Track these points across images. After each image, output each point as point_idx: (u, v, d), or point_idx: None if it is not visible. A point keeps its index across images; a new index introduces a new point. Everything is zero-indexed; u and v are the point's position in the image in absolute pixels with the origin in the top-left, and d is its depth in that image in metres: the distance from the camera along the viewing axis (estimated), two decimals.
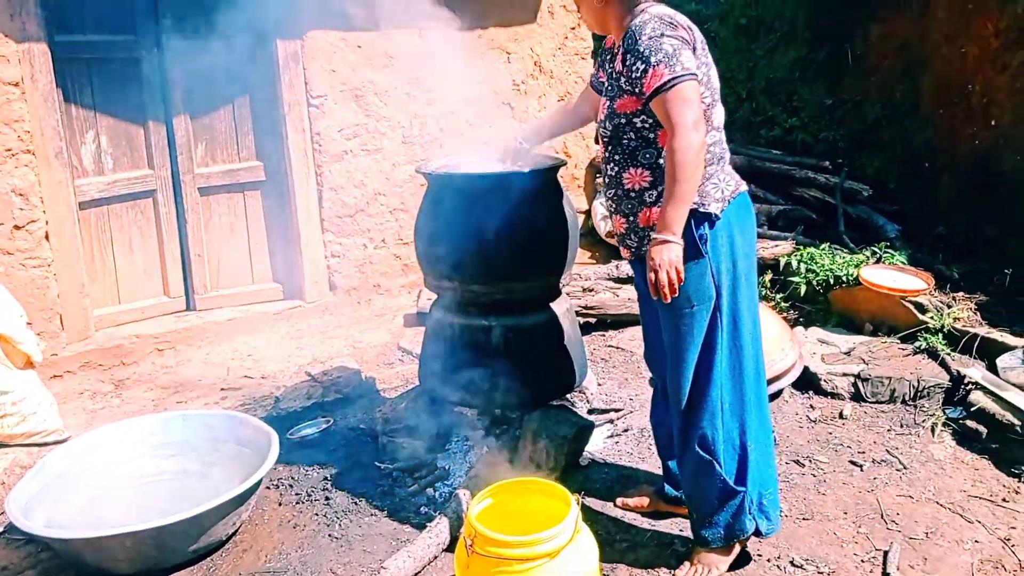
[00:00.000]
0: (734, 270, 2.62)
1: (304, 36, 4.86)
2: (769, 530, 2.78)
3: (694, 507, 2.81)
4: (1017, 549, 2.90)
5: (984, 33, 5.40)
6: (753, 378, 2.71)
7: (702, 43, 2.58)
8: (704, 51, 2.58)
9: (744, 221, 2.66)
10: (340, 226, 5.20)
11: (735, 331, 2.65)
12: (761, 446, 2.74)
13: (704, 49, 2.58)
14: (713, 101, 2.60)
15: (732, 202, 2.60)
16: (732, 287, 2.62)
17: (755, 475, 2.70)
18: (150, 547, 2.84)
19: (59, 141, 4.29)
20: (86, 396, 4.22)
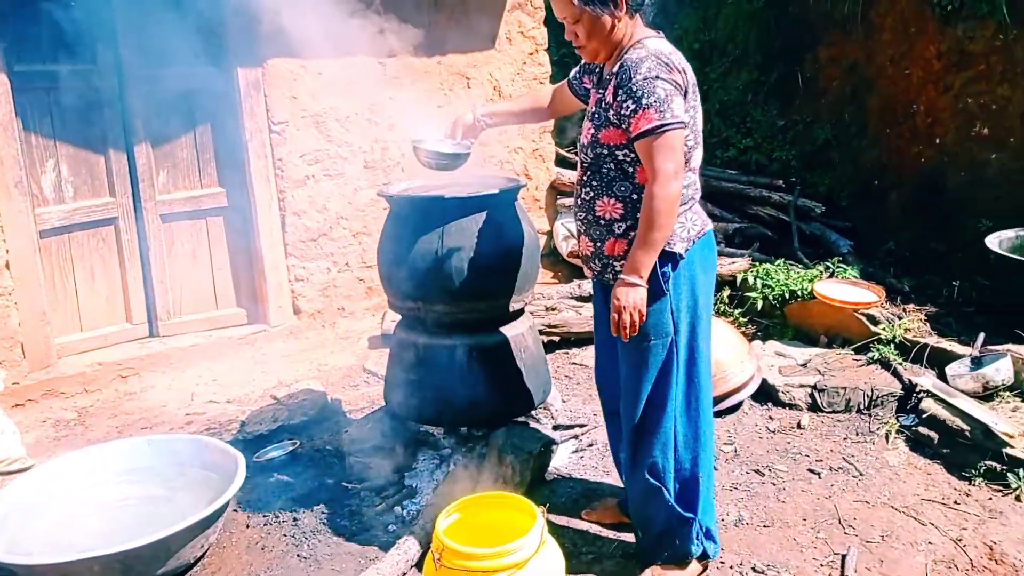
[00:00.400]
0: (695, 307, 2.67)
1: (265, 64, 4.88)
2: (715, 552, 2.88)
3: (641, 528, 2.91)
4: (968, 549, 3.00)
5: (927, 55, 5.63)
6: (707, 410, 2.77)
7: (693, 86, 2.57)
8: (694, 94, 2.58)
9: (707, 260, 2.71)
10: (303, 250, 5.20)
11: (692, 365, 2.70)
12: (708, 475, 2.82)
13: (695, 92, 2.58)
14: (695, 144, 2.62)
15: (697, 242, 2.65)
16: (691, 323, 2.67)
17: (705, 504, 2.80)
18: (117, 571, 2.82)
19: (19, 170, 4.27)
20: (49, 424, 4.18)
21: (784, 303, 4.80)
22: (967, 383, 3.86)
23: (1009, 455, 3.39)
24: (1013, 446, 3.41)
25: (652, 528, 2.82)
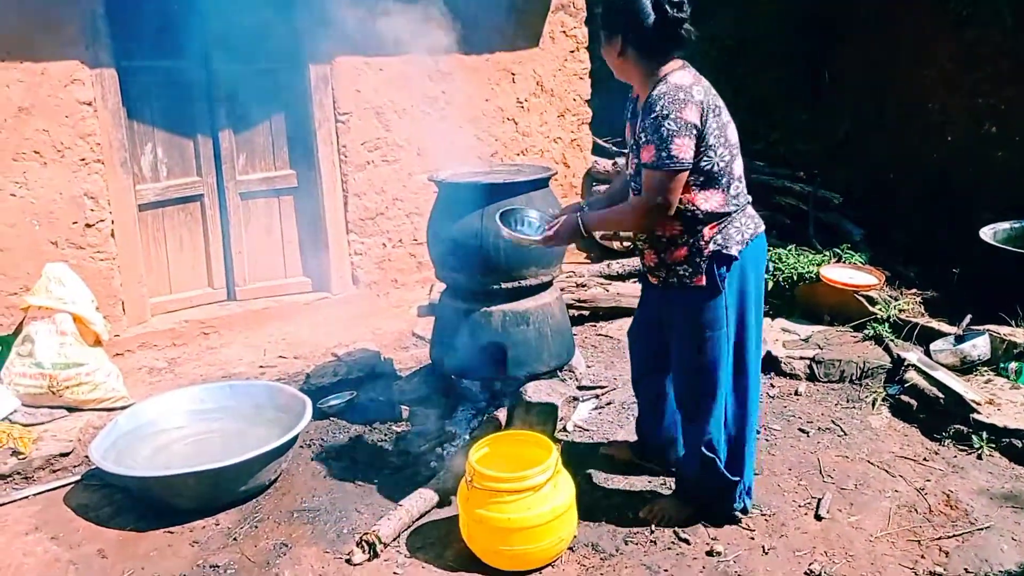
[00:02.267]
0: (745, 303, 2.93)
1: (333, 61, 5.31)
2: (748, 507, 3.20)
3: (691, 488, 3.22)
4: (929, 497, 3.36)
5: (941, 58, 5.89)
6: (753, 386, 3.07)
7: (716, 109, 2.74)
8: (718, 114, 2.75)
9: (759, 259, 2.97)
10: (362, 228, 5.63)
11: (741, 353, 2.99)
12: (752, 444, 3.14)
13: (718, 113, 2.75)
14: (732, 156, 2.82)
15: (751, 243, 2.88)
16: (740, 317, 2.94)
17: (748, 467, 3.14)
18: (209, 486, 3.33)
19: (124, 152, 4.77)
20: (144, 371, 4.68)
21: (793, 285, 5.12)
22: (947, 358, 4.24)
23: (975, 419, 3.76)
24: (980, 412, 3.79)
25: (704, 492, 3.18)
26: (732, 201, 2.84)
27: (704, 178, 2.79)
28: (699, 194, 2.81)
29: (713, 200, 2.82)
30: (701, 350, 2.97)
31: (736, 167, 2.86)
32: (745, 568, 2.97)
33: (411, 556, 3.08)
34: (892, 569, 2.94)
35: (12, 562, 3.13)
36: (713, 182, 2.81)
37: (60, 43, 4.47)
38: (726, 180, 2.82)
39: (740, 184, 2.89)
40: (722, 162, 2.78)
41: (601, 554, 3.07)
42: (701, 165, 2.77)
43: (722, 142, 2.77)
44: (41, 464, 3.73)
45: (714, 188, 2.82)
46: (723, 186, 2.83)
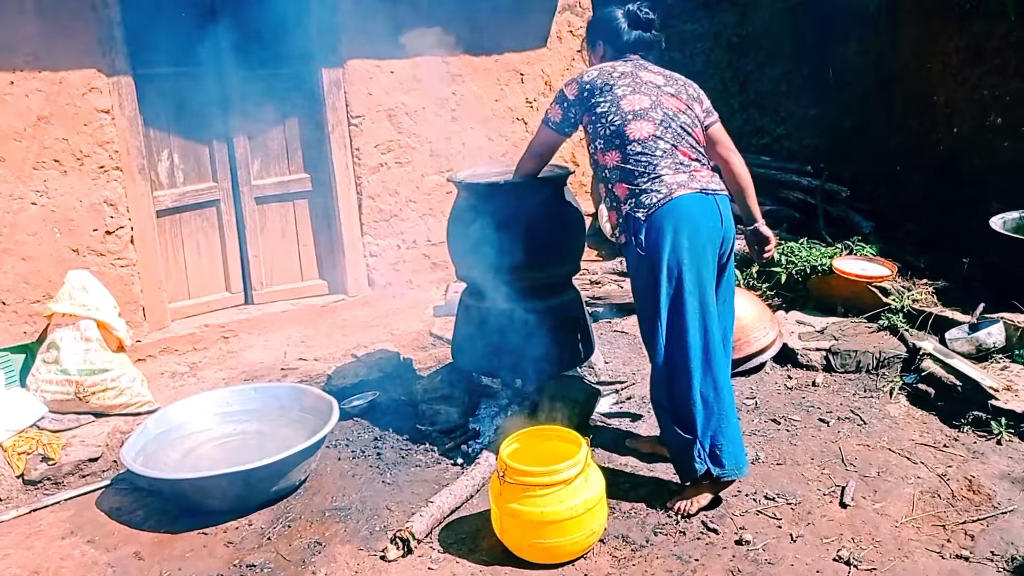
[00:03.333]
0: (677, 265, 3.09)
1: (345, 64, 5.35)
2: (720, 474, 3.22)
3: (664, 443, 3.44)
4: (951, 482, 3.41)
5: (946, 51, 5.93)
6: (698, 347, 3.13)
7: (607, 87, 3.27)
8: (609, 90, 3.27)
9: (686, 221, 3.10)
10: (377, 229, 5.68)
11: (676, 313, 3.12)
12: (717, 409, 3.19)
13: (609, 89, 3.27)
14: (625, 122, 3.21)
15: (662, 207, 3.11)
16: (672, 278, 3.10)
17: (704, 429, 3.18)
18: (240, 487, 3.36)
19: (141, 159, 4.81)
20: (166, 376, 4.73)
21: (806, 277, 5.16)
22: (963, 346, 4.30)
23: (993, 406, 3.81)
24: (997, 398, 3.84)
25: (669, 449, 3.36)
26: (633, 161, 3.19)
27: (603, 142, 3.28)
28: (605, 155, 3.29)
29: (614, 159, 3.25)
30: (640, 309, 3.30)
31: (632, 130, 3.21)
32: (774, 556, 3.01)
33: (444, 552, 3.11)
34: (919, 554, 2.99)
35: (51, 566, 3.17)
36: (610, 143, 3.26)
37: (77, 52, 4.51)
38: (619, 141, 3.23)
39: (643, 146, 3.20)
40: (613, 126, 3.23)
41: (632, 545, 3.11)
42: (597, 130, 3.29)
43: (613, 111, 3.24)
44: (71, 470, 3.77)
45: (613, 149, 3.25)
46: (618, 147, 3.24)
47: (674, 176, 3.19)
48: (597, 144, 3.31)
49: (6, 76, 4.37)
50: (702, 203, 3.18)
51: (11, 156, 4.43)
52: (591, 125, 3.32)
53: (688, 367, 3.16)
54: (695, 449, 3.21)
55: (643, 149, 3.21)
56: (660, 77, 3.37)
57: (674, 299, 3.14)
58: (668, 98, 3.30)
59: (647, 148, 3.21)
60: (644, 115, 3.23)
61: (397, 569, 3.03)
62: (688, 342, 3.14)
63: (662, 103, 3.27)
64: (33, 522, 3.47)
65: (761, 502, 3.35)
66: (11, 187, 4.45)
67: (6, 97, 4.37)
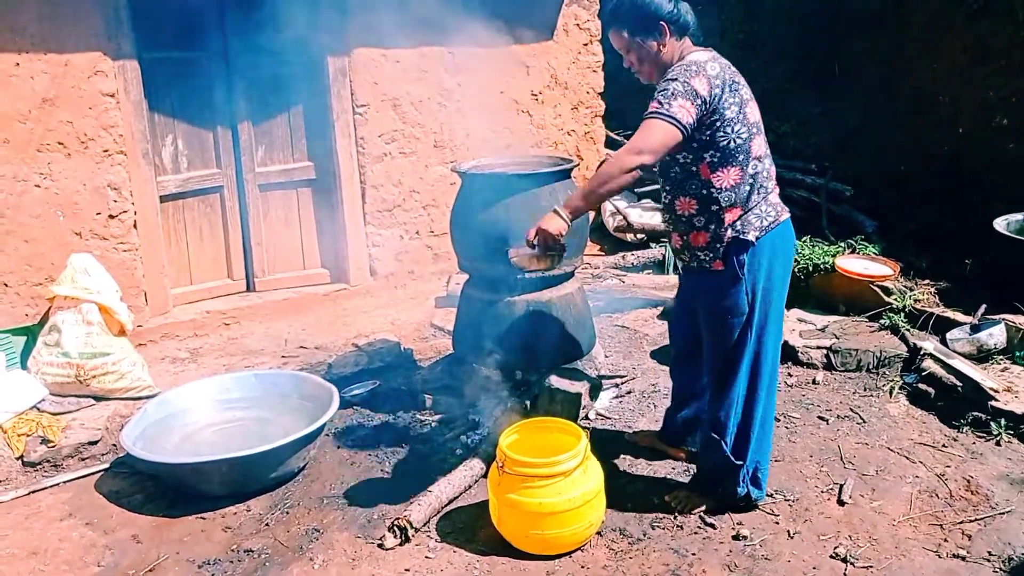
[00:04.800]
0: (769, 291, 2.94)
1: (351, 53, 5.35)
2: (758, 496, 3.19)
3: (700, 468, 3.31)
4: (949, 482, 3.41)
5: (952, 50, 5.93)
6: (768, 373, 3.07)
7: (733, 84, 2.76)
8: (736, 90, 2.77)
9: (783, 247, 2.96)
10: (380, 219, 5.68)
11: (760, 339, 3.00)
12: (763, 428, 3.14)
13: (736, 89, 2.77)
14: (751, 135, 2.82)
15: (772, 231, 2.88)
16: (763, 304, 2.94)
17: (753, 453, 3.13)
18: (239, 472, 3.38)
19: (146, 143, 4.81)
20: (167, 361, 4.73)
21: (808, 275, 5.15)
22: (964, 346, 4.29)
23: (993, 407, 3.81)
24: (997, 399, 3.84)
25: (709, 472, 3.23)
26: (749, 180, 2.84)
27: (720, 155, 2.81)
28: (716, 172, 2.84)
29: (730, 177, 2.84)
30: (722, 334, 3.01)
31: (756, 146, 2.85)
32: (771, 552, 3.02)
33: (442, 541, 3.12)
34: (916, 552, 2.99)
35: (49, 547, 3.18)
36: (730, 159, 2.82)
37: (83, 34, 4.50)
38: (743, 158, 2.82)
39: (761, 165, 2.88)
40: (739, 139, 2.80)
41: (629, 538, 3.11)
42: (718, 140, 2.79)
43: (740, 119, 2.79)
44: (70, 452, 3.78)
45: (731, 165, 2.83)
46: (740, 163, 2.83)
47: (775, 196, 2.98)
48: (709, 155, 2.83)
49: (12, 58, 4.36)
50: (791, 230, 3.05)
51: (15, 138, 4.42)
52: (708, 131, 2.79)
53: (756, 394, 3.09)
54: (740, 473, 3.16)
55: (761, 168, 2.89)
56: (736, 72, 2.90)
57: (762, 327, 3.00)
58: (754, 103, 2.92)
59: (763, 167, 2.89)
60: (760, 128, 2.89)
61: (394, 557, 3.03)
62: (762, 370, 3.06)
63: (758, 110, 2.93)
64: (32, 504, 3.48)
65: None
66: (15, 169, 4.45)
67: (11, 79, 4.37)
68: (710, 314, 3.05)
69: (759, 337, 3.00)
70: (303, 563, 3.02)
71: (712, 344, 3.09)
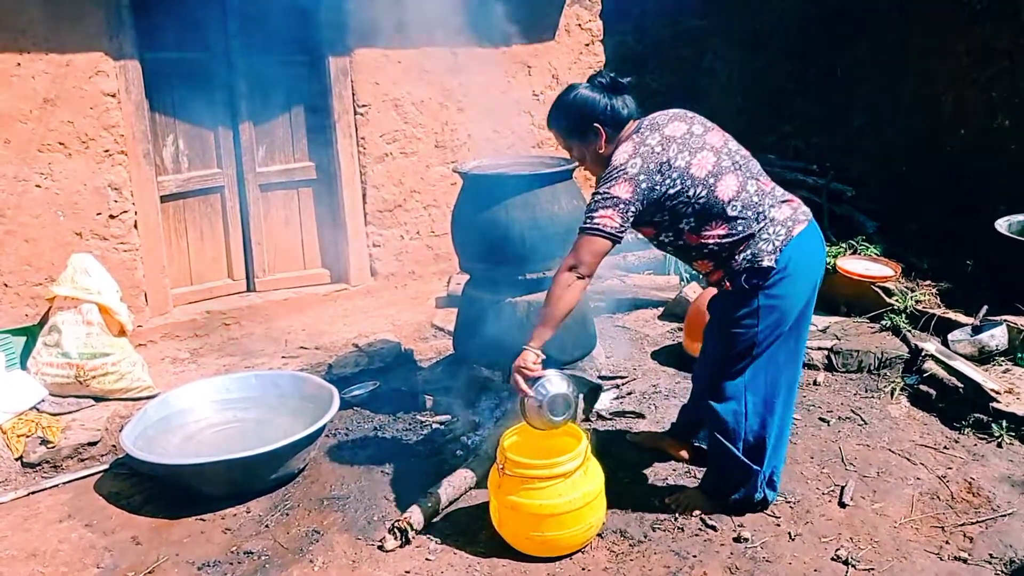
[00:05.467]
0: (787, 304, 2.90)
1: (352, 53, 5.34)
2: (772, 498, 3.21)
3: (714, 474, 3.27)
4: (951, 484, 3.40)
5: (956, 51, 5.92)
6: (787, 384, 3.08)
7: (662, 167, 2.80)
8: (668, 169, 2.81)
9: (805, 257, 2.90)
10: (380, 219, 5.67)
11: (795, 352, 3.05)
12: (780, 432, 3.13)
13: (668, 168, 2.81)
14: (711, 186, 2.82)
15: (786, 247, 2.85)
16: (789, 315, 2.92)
17: (770, 459, 3.12)
18: (239, 474, 3.37)
19: (147, 143, 4.80)
20: (167, 361, 4.73)
21: None
22: (965, 348, 4.29)
23: (995, 408, 3.80)
24: (999, 401, 3.83)
25: (724, 479, 3.20)
26: (740, 221, 2.86)
27: (694, 220, 2.88)
28: (702, 233, 2.90)
29: (716, 231, 2.88)
30: (728, 343, 3.01)
31: (723, 190, 2.85)
32: (772, 554, 3.00)
33: (442, 543, 3.11)
34: (917, 555, 2.98)
35: (48, 548, 3.17)
36: (705, 218, 2.88)
37: (85, 34, 4.50)
38: (717, 210, 2.85)
39: (741, 200, 2.87)
40: (699, 200, 2.84)
41: (630, 540, 3.10)
42: (680, 212, 2.86)
43: (689, 183, 2.83)
44: (69, 453, 3.77)
45: (710, 222, 2.88)
46: (716, 215, 2.87)
47: (779, 211, 2.92)
48: (683, 225, 2.90)
49: (13, 57, 4.36)
50: (814, 235, 2.99)
51: (16, 138, 4.42)
52: (664, 213, 2.89)
53: (774, 402, 3.08)
54: (759, 479, 3.15)
55: (742, 203, 2.87)
56: (679, 123, 2.95)
57: (795, 339, 3.04)
58: (710, 137, 2.95)
59: (744, 199, 2.88)
60: (719, 171, 2.87)
61: (394, 559, 3.02)
62: (780, 379, 3.07)
63: (715, 146, 2.92)
64: (31, 505, 3.48)
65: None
66: (16, 169, 4.44)
67: (12, 79, 4.37)
68: (719, 320, 3.06)
69: (781, 346, 3.00)
70: (303, 565, 3.01)
71: (716, 347, 3.10)
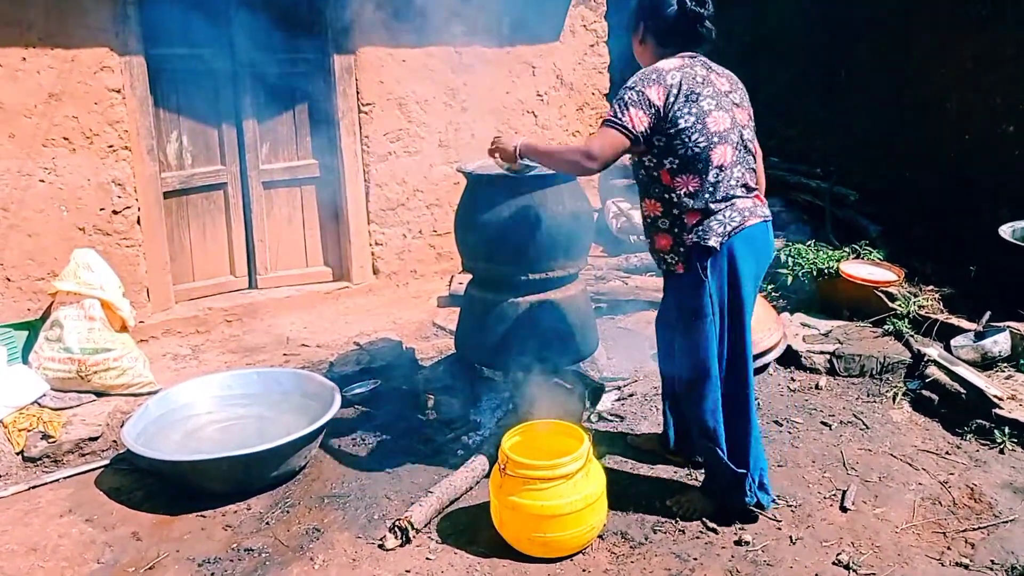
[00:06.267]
0: (733, 295, 2.94)
1: (357, 51, 5.34)
2: (768, 502, 3.18)
3: (708, 476, 3.28)
4: (952, 490, 3.40)
5: (961, 56, 5.90)
6: (749, 379, 3.06)
7: (693, 95, 2.81)
8: (695, 100, 2.81)
9: (751, 251, 2.93)
10: (383, 218, 5.67)
11: (734, 344, 3.00)
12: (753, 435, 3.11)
13: (696, 99, 2.81)
14: (711, 144, 2.84)
15: (736, 235, 2.88)
16: (732, 307, 2.95)
17: (755, 460, 3.11)
18: (240, 471, 3.38)
19: (151, 139, 4.80)
20: (169, 357, 4.72)
21: (812, 280, 5.14)
22: (968, 353, 4.28)
23: (997, 414, 3.80)
24: (1001, 407, 3.83)
25: (716, 481, 3.21)
26: (710, 187, 2.89)
27: (679, 162, 2.88)
28: (676, 178, 2.91)
29: (690, 185, 2.90)
30: (687, 335, 3.03)
31: (717, 156, 2.88)
32: (773, 558, 3.00)
33: (442, 542, 3.11)
34: (919, 560, 2.98)
35: (48, 543, 3.17)
36: (689, 166, 2.88)
37: (90, 29, 4.49)
38: (702, 166, 2.87)
39: (724, 173, 2.91)
40: (696, 147, 2.85)
41: (631, 542, 3.11)
42: (675, 148, 2.86)
43: (699, 129, 2.84)
44: (70, 448, 3.77)
45: (690, 173, 2.89)
46: (699, 171, 2.88)
47: (742, 202, 2.95)
48: (668, 162, 2.90)
49: (19, 52, 4.35)
50: (765, 233, 3.02)
51: (21, 132, 4.41)
52: (663, 137, 2.87)
53: (748, 399, 3.08)
54: (747, 482, 3.14)
55: (722, 176, 2.91)
56: (726, 81, 2.99)
57: (735, 330, 3.01)
58: (737, 111, 2.97)
59: (726, 174, 2.91)
60: (726, 138, 2.89)
61: (395, 558, 3.03)
62: (748, 375, 3.06)
63: (736, 119, 2.94)
64: (32, 499, 3.48)
65: None
66: (20, 163, 4.44)
67: (18, 73, 4.36)
68: (678, 315, 3.07)
69: (733, 342, 3.01)
70: (303, 563, 3.01)
71: (679, 344, 3.10)
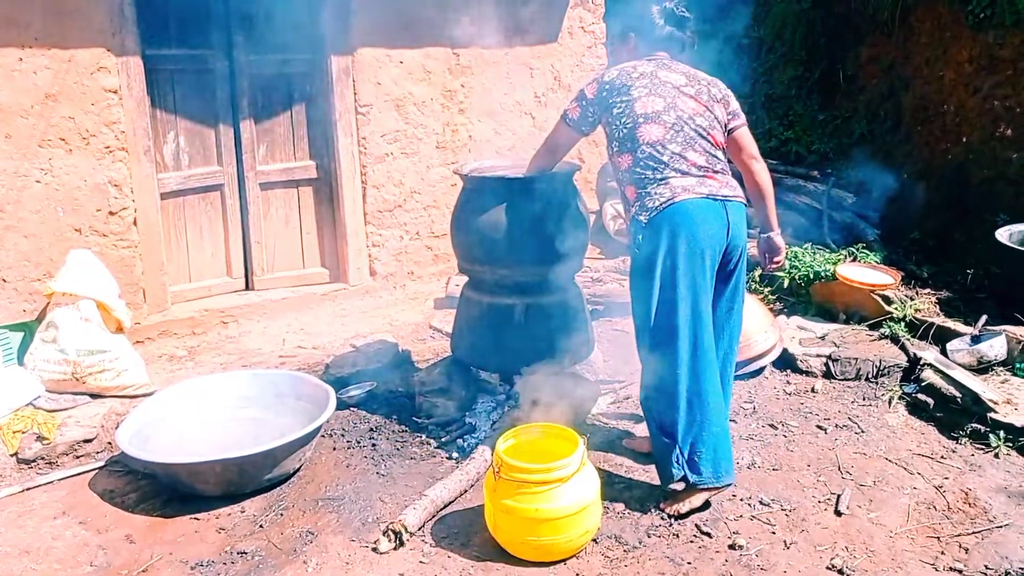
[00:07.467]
0: (674, 268, 3.10)
1: (354, 53, 5.34)
2: (697, 481, 3.22)
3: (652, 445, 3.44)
4: (947, 494, 3.40)
5: (959, 59, 5.92)
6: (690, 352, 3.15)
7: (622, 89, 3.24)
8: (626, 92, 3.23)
9: (683, 227, 3.09)
10: (380, 219, 5.67)
11: (671, 315, 3.12)
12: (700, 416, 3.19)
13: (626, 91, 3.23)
14: (636, 124, 3.20)
15: (663, 211, 3.10)
16: (670, 280, 3.11)
17: (685, 435, 3.19)
18: (234, 473, 3.36)
19: (147, 140, 4.79)
20: (164, 359, 4.72)
21: (809, 283, 5.15)
22: (964, 357, 4.28)
23: (992, 419, 3.80)
24: (997, 411, 3.83)
25: (653, 451, 3.42)
26: (640, 163, 3.20)
27: (617, 144, 3.29)
28: (617, 158, 3.31)
29: (625, 162, 3.26)
30: (633, 303, 3.29)
31: (645, 134, 3.20)
32: (767, 562, 3.00)
33: (436, 546, 3.11)
34: (913, 565, 2.98)
35: (41, 545, 3.17)
36: (623, 146, 3.27)
37: (87, 30, 4.49)
38: (631, 145, 3.23)
39: (653, 150, 3.19)
40: (624, 128, 3.24)
41: (625, 546, 3.10)
42: (612, 132, 3.31)
43: (627, 112, 3.23)
44: (65, 450, 3.76)
45: (625, 152, 3.26)
46: (629, 150, 3.24)
47: (681, 180, 3.17)
48: (613, 146, 3.32)
49: (15, 52, 4.35)
50: (707, 209, 3.14)
51: (17, 133, 4.41)
52: (608, 126, 3.32)
53: (675, 372, 3.18)
54: (674, 454, 3.22)
55: (652, 152, 3.19)
56: (681, 77, 3.32)
57: (667, 304, 3.15)
58: (685, 99, 3.26)
59: (656, 152, 3.19)
60: (656, 118, 3.21)
61: (388, 561, 3.02)
62: (677, 348, 3.16)
63: (677, 105, 3.24)
64: (25, 501, 3.47)
65: (755, 507, 3.35)
66: (16, 164, 4.43)
67: (14, 74, 4.36)
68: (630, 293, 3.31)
69: (664, 315, 3.15)
70: (296, 566, 3.01)
71: (634, 322, 3.32)
